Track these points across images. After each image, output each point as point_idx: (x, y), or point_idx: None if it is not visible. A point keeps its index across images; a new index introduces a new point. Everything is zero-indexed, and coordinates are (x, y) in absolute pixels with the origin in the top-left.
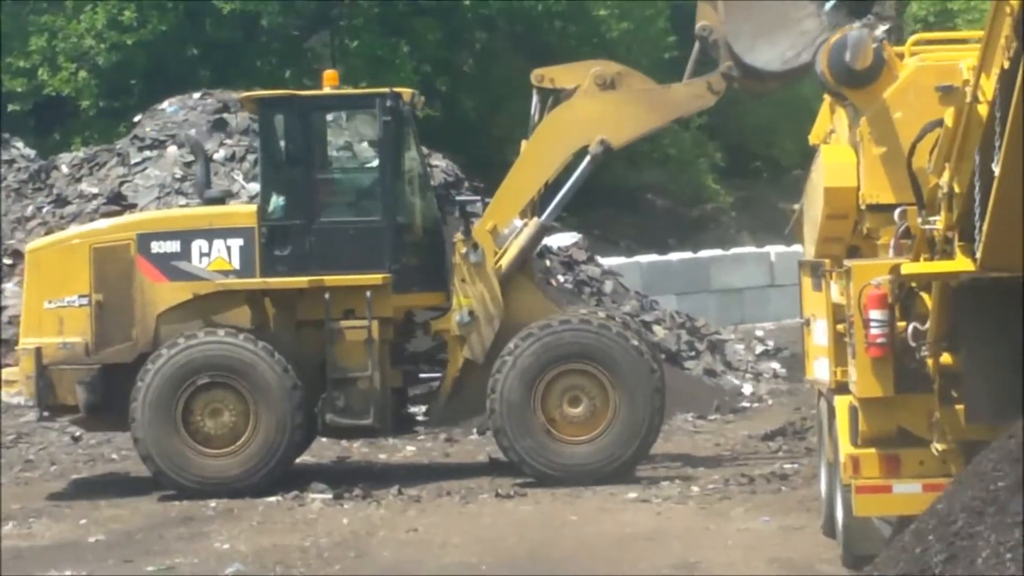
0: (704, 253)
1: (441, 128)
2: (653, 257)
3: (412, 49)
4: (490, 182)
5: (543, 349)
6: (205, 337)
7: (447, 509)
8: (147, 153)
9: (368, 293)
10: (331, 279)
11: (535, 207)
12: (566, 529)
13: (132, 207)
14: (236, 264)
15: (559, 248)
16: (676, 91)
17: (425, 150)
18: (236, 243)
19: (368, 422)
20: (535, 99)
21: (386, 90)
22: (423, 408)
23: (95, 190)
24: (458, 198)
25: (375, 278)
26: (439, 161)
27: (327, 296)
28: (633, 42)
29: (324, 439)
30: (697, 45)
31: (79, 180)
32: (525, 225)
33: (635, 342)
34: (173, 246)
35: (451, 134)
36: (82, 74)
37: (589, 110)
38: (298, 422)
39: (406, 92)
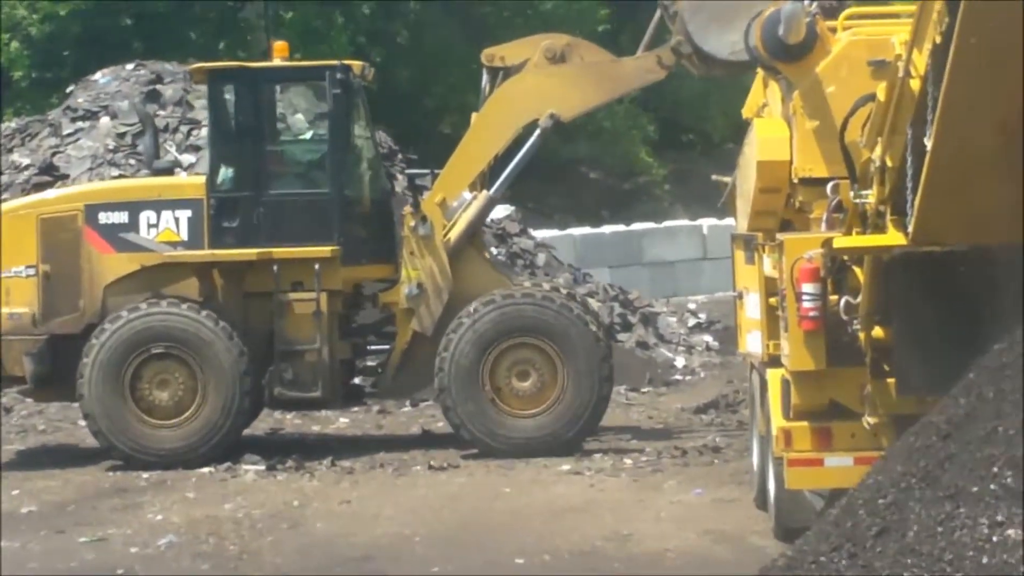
0: (637, 226)
1: (375, 99)
2: (586, 230)
3: (346, 20)
4: (424, 153)
5: (502, 318)
6: (148, 309)
7: (380, 481)
8: (80, 124)
9: (317, 265)
10: (279, 251)
11: (484, 180)
12: (499, 501)
13: (64, 178)
14: (184, 235)
15: (492, 221)
16: (626, 65)
17: None
18: (184, 214)
19: (316, 394)
20: (485, 78)
21: (336, 62)
22: (371, 380)
23: (27, 161)
24: (407, 170)
25: (324, 250)
26: None
27: (275, 268)
28: (567, 14)
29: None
30: (657, 14)
31: (11, 151)
32: (474, 198)
33: (580, 313)
34: (121, 217)
35: (385, 105)
36: (14, 45)
37: (539, 84)
38: (245, 391)
39: (356, 64)
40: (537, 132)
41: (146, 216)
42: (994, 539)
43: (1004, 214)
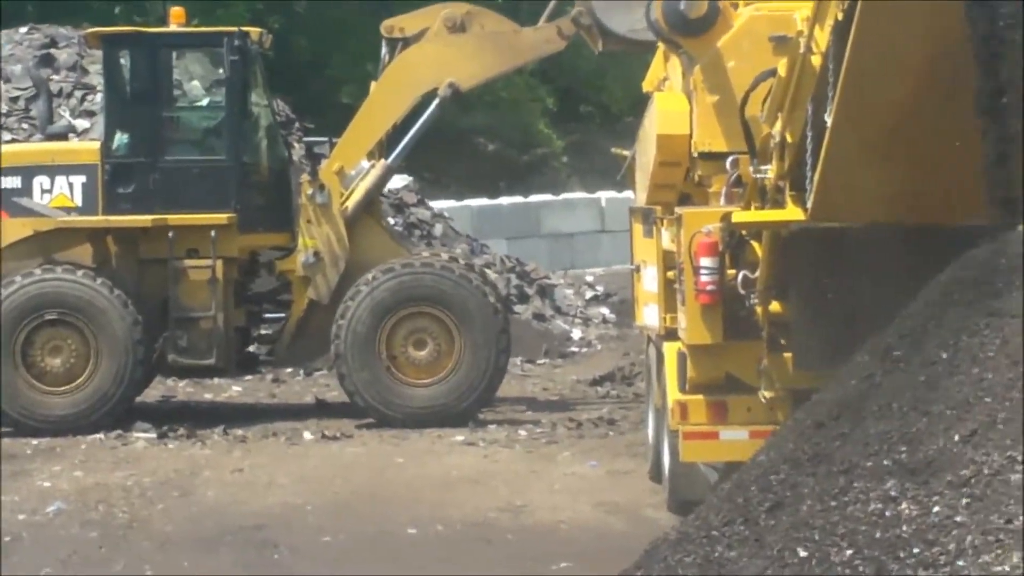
0: (535, 198)
1: (273, 67)
2: (483, 201)
3: None
4: (322, 122)
5: (400, 287)
6: (43, 275)
7: (273, 450)
8: None
9: (212, 233)
10: (175, 218)
11: (382, 149)
12: (392, 471)
13: None
14: (78, 201)
15: (390, 191)
16: (526, 35)
17: None
18: (79, 180)
19: (210, 362)
20: (384, 49)
21: (233, 29)
22: (266, 349)
23: None
24: (305, 139)
25: (220, 217)
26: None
27: (171, 235)
28: None
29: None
30: None
31: None
32: (372, 167)
33: (478, 283)
34: (14, 182)
35: (283, 73)
36: None
37: (438, 53)
38: (139, 359)
39: (254, 31)
40: (436, 102)
41: (40, 181)
42: (887, 513)
43: (901, 192)
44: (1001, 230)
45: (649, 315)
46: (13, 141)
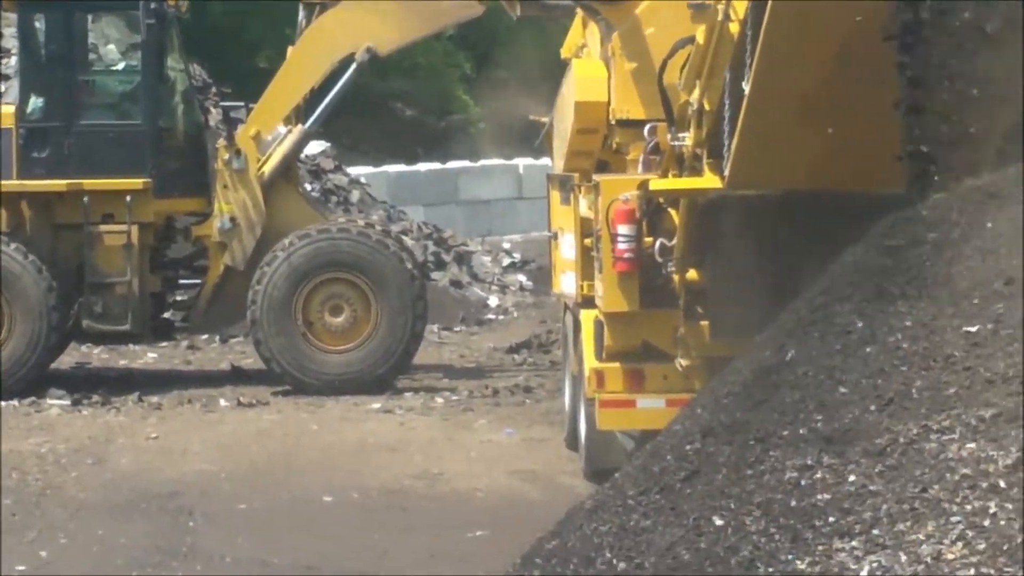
0: (452, 164)
1: (190, 31)
2: (401, 167)
3: None
4: (239, 88)
5: (317, 253)
6: None
7: (188, 417)
8: None
9: (128, 198)
10: (90, 183)
11: (300, 114)
12: (308, 438)
13: None
14: None
15: (307, 156)
16: (445, 0)
17: None
18: None
19: (126, 328)
20: (302, 13)
21: None
22: (182, 314)
23: None
24: (222, 103)
25: (135, 182)
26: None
27: (86, 200)
28: None
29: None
30: None
31: None
32: (289, 132)
33: (395, 250)
34: None
35: (200, 38)
36: None
37: (356, 17)
38: (53, 326)
39: None
40: (353, 66)
41: None
42: (803, 482)
43: (817, 160)
44: (917, 197)
45: (566, 283)
46: None
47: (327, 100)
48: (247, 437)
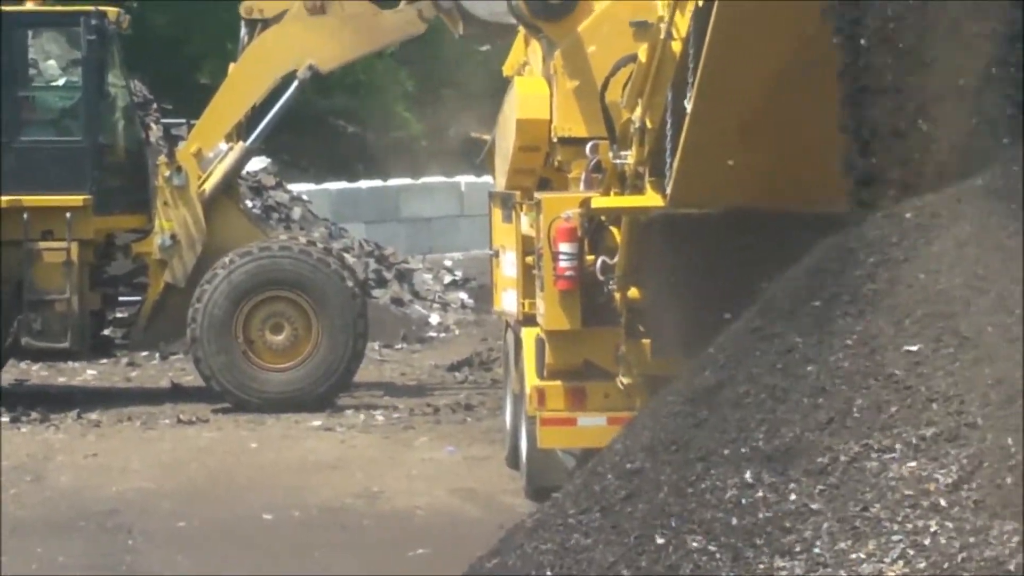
0: (394, 182)
1: (130, 46)
2: (342, 184)
3: None
4: (180, 104)
5: (258, 270)
6: None
7: (127, 434)
8: None
9: (68, 214)
10: (30, 199)
11: (241, 131)
12: (248, 456)
13: None
14: None
15: (248, 173)
16: (387, 17)
17: None
18: None
19: (65, 345)
20: (244, 30)
21: (91, 8)
22: (121, 332)
23: None
24: (163, 120)
25: (75, 199)
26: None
27: (25, 216)
28: None
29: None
30: None
31: None
32: (230, 149)
33: (336, 267)
34: None
35: (141, 53)
36: None
37: (298, 35)
38: None
39: (111, 11)
40: (295, 84)
41: None
42: (744, 501)
43: (759, 178)
44: (859, 217)
45: (508, 300)
46: None
47: (269, 117)
48: (187, 455)
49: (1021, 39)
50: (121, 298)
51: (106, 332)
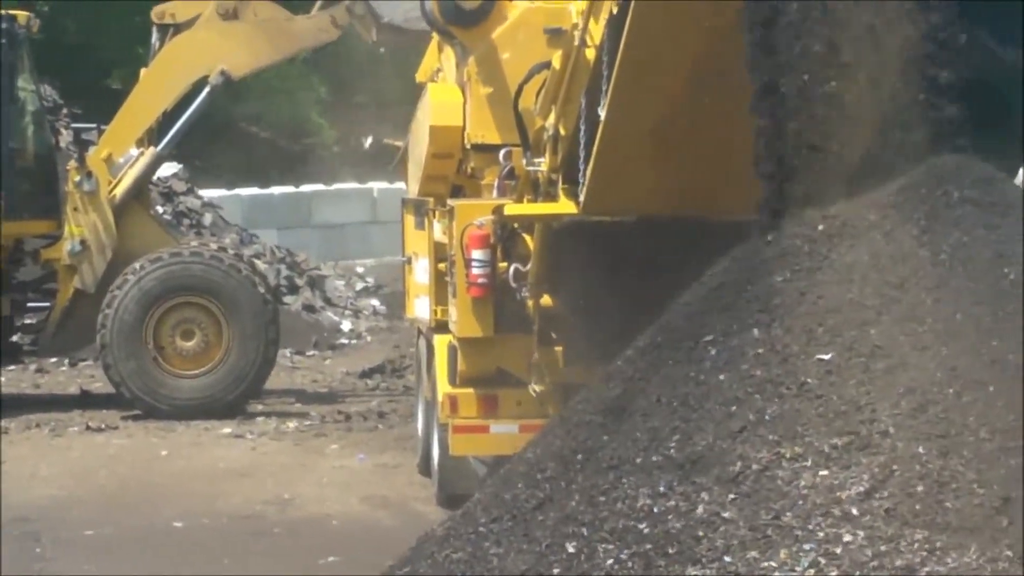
0: (306, 188)
1: (40, 51)
2: (255, 190)
3: None
4: (91, 108)
5: (169, 276)
6: None
7: (36, 441)
8: None
9: None
10: None
11: (152, 136)
12: (158, 463)
13: None
14: None
15: (159, 179)
16: (300, 23)
17: None
18: None
19: None
20: (155, 35)
21: (0, 12)
22: (30, 338)
23: None
24: (73, 125)
25: None
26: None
27: None
28: None
29: None
30: None
31: None
32: (141, 155)
33: (248, 274)
34: None
35: (51, 57)
36: None
37: (210, 40)
38: None
39: (21, 15)
40: (207, 89)
41: None
42: (655, 509)
43: (673, 186)
44: (771, 226)
45: (420, 307)
46: None
47: (180, 123)
48: (97, 462)
49: (935, 42)
50: (30, 304)
51: (14, 338)
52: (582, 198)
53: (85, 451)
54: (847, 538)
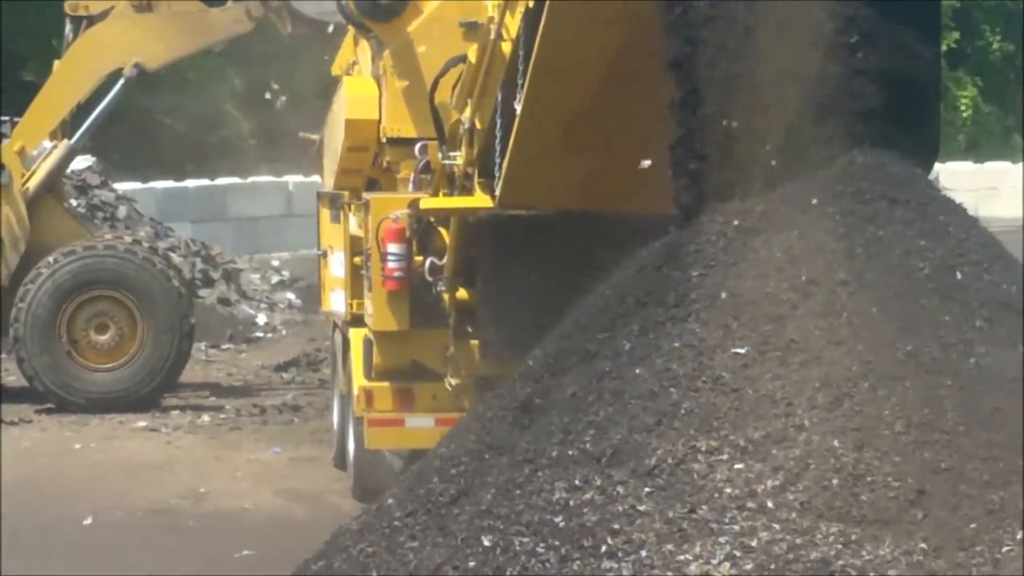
0: (221, 181)
1: None
2: (169, 183)
3: None
4: (3, 102)
5: (82, 270)
6: None
7: None
8: None
9: None
10: None
11: (66, 129)
12: (72, 457)
13: None
14: None
15: (73, 171)
16: (214, 15)
17: None
18: None
19: None
20: (68, 27)
21: None
22: None
23: None
24: None
25: None
26: None
27: None
28: None
29: None
30: None
31: None
32: (54, 147)
33: (162, 267)
34: None
35: None
36: None
37: (123, 32)
38: None
39: None
40: (121, 81)
41: None
42: (571, 503)
43: (589, 180)
44: (687, 220)
45: (336, 301)
46: None
47: (94, 115)
48: (9, 456)
49: (852, 38)
50: None
51: None
52: (498, 192)
53: None
54: (762, 531)
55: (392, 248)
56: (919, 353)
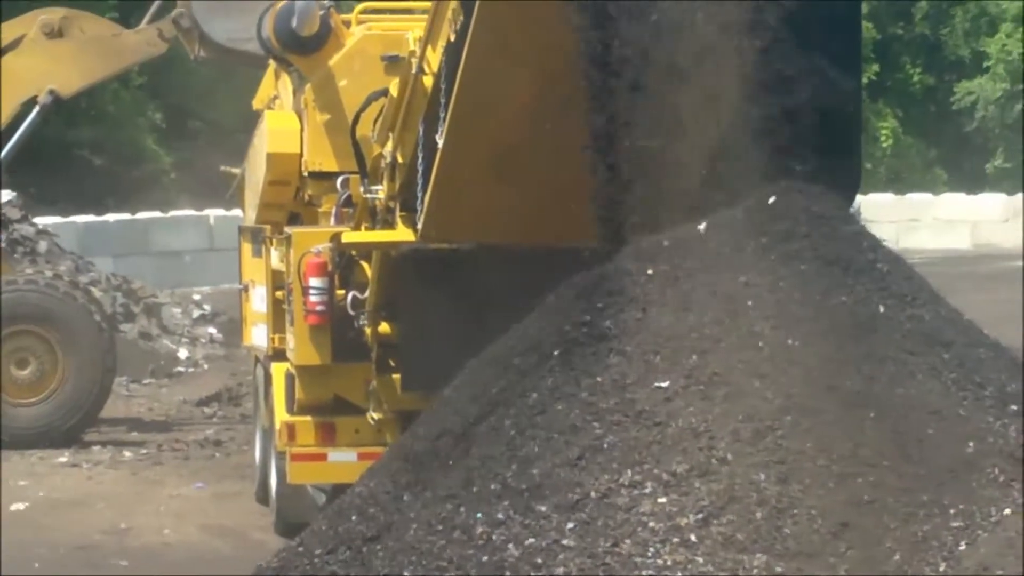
0: (142, 215)
1: None
2: (90, 217)
3: None
4: None
5: (3, 304)
6: None
7: None
8: None
9: None
10: None
11: None
12: None
13: None
14: None
15: None
16: (127, 38)
17: None
18: None
19: None
20: None
21: None
22: None
23: None
24: None
25: None
26: None
27: None
28: None
29: None
30: None
31: None
32: None
33: (84, 301)
34: None
35: None
36: None
37: (36, 60)
38: None
39: None
40: (36, 110)
41: None
42: (494, 537)
43: (511, 214)
44: (608, 253)
45: (257, 335)
46: None
47: (9, 146)
48: None
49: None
50: None
51: None
52: (420, 225)
53: None
54: (687, 565)
55: (314, 282)
56: (842, 386)
